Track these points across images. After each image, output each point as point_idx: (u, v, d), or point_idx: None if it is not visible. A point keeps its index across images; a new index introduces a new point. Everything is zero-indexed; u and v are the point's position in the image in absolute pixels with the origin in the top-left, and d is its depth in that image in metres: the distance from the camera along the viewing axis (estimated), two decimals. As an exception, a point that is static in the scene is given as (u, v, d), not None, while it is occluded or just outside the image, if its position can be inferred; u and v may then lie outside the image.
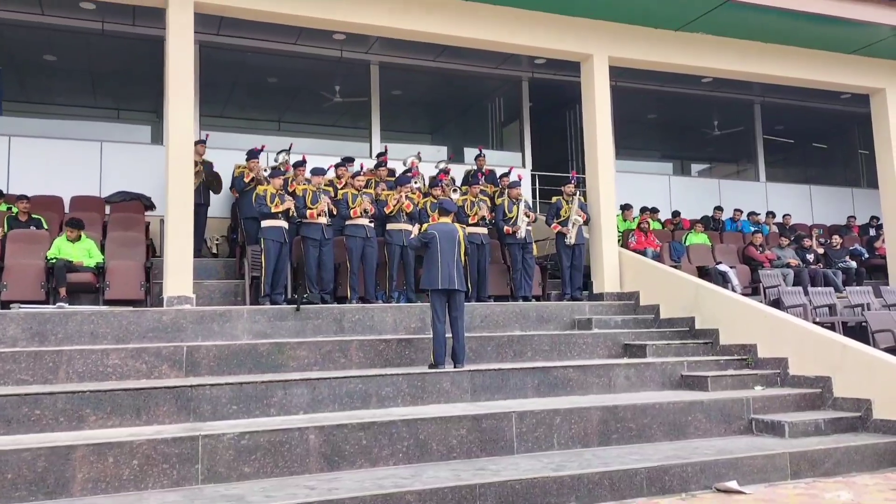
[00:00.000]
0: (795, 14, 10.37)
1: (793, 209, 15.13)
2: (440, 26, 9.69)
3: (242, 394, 6.07)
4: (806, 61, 11.74)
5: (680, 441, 6.43)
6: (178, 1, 8.41)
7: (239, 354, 6.95)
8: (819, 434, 6.52)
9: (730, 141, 16.31)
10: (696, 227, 12.70)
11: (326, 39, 11.45)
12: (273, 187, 8.60)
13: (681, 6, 10.10)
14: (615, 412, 6.38)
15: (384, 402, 6.47)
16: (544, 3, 9.89)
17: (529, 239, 9.87)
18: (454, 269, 7.04)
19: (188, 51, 8.42)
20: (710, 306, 8.68)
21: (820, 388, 7.18)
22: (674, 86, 14.24)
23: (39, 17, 10.41)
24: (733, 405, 6.80)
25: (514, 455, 5.94)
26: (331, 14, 9.21)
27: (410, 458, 5.68)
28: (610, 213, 10.38)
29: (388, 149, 11.08)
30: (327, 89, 12.70)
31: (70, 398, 5.62)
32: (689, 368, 7.72)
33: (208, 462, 5.16)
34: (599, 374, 7.35)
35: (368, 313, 8.29)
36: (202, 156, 9.95)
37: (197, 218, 9.75)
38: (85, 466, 4.89)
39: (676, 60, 11.00)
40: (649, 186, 14.38)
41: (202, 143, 10.06)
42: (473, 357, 7.70)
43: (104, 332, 7.29)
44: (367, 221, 8.98)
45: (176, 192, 8.21)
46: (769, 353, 7.84)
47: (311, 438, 5.45)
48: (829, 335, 7.31)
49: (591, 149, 10.52)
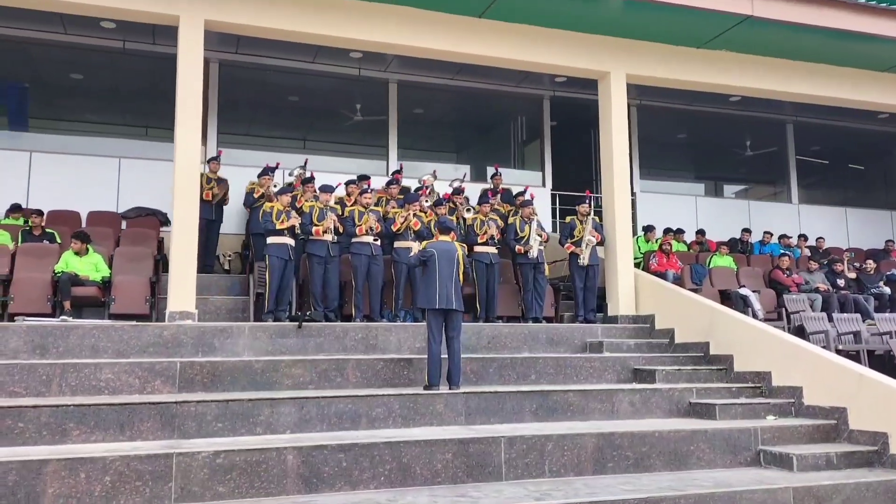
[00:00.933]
0: (822, 30, 10.05)
1: (827, 232, 14.63)
2: (455, 44, 9.62)
3: (228, 411, 5.98)
4: (837, 79, 11.37)
5: (680, 472, 6.13)
6: (189, 19, 8.50)
7: (233, 371, 6.87)
8: (830, 468, 6.15)
9: (763, 162, 15.88)
10: (722, 249, 12.33)
11: (343, 58, 11.49)
12: (280, 204, 8.58)
13: (701, 23, 9.86)
14: (612, 439, 6.13)
15: (374, 424, 6.32)
16: (561, 21, 9.76)
17: (541, 259, 9.67)
18: (452, 288, 6.89)
19: (198, 68, 8.48)
20: (725, 331, 8.37)
21: (835, 420, 6.81)
22: (701, 105, 13.97)
23: (63, 36, 10.67)
24: (740, 435, 6.48)
25: (501, 482, 5.72)
26: (345, 32, 9.22)
27: (392, 481, 5.51)
28: (626, 234, 10.13)
29: (403, 167, 11.01)
30: (346, 107, 12.73)
31: (54, 412, 5.60)
32: (698, 395, 7.41)
33: (182, 480, 5.07)
34: (602, 400, 7.09)
35: (372, 332, 8.17)
36: (216, 173, 10.01)
37: (209, 234, 9.87)
38: (56, 482, 4.84)
39: (699, 78, 10.74)
40: (676, 208, 14.06)
41: (215, 160, 10.13)
42: (474, 378, 7.51)
43: (105, 347, 7.31)
44: (373, 239, 8.90)
45: (181, 209, 8.25)
46: (783, 381, 7.49)
47: (289, 459, 5.33)
48: (846, 364, 6.94)
49: (608, 168, 10.31)
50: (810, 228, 14.52)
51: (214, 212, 10.00)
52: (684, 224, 13.49)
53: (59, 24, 10.36)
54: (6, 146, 10.63)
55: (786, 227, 14.30)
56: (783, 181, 15.62)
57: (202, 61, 8.55)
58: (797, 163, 15.54)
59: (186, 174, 8.33)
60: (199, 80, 8.50)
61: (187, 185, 8.32)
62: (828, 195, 16.00)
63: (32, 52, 11.09)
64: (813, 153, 15.92)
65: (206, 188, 9.71)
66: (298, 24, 8.99)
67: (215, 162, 10.07)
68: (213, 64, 11.50)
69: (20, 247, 8.71)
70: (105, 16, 9.16)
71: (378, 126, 12.67)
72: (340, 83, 12.36)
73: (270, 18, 8.88)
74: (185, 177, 8.32)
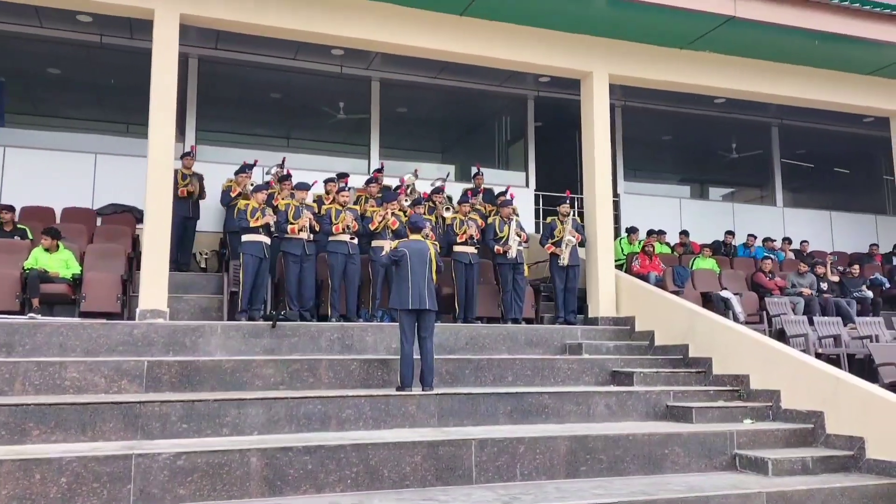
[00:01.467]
0: (806, 32, 10.00)
1: (812, 236, 14.60)
2: (437, 42, 9.52)
3: (194, 412, 5.86)
4: (821, 82, 11.33)
5: (654, 476, 6.05)
6: (164, 13, 8.36)
7: (202, 371, 6.73)
8: (806, 473, 6.08)
9: (749, 165, 15.84)
10: (705, 251, 12.27)
11: (325, 55, 11.37)
12: (255, 201, 8.45)
13: (684, 24, 9.79)
14: (585, 442, 6.04)
15: (344, 425, 6.20)
16: (542, 20, 9.67)
17: (520, 259, 9.57)
18: (425, 288, 6.78)
19: (172, 62, 8.34)
20: (704, 334, 8.29)
21: (812, 424, 6.74)
22: (687, 106, 13.90)
23: (39, 30, 10.50)
24: (715, 439, 6.40)
25: (471, 485, 5.63)
26: (325, 28, 9.09)
27: (359, 485, 5.40)
28: (607, 235, 10.04)
29: (384, 166, 10.90)
30: (329, 105, 12.61)
31: (13, 411, 5.47)
32: (675, 398, 7.33)
33: (141, 482, 4.94)
34: (578, 402, 7.00)
35: (348, 332, 8.05)
36: (191, 168, 9.86)
37: (185, 231, 9.72)
38: (10, 483, 4.71)
39: (682, 79, 10.68)
40: (660, 209, 13.99)
41: (189, 155, 9.97)
42: (449, 380, 7.40)
43: (73, 345, 7.16)
44: (349, 238, 8.78)
45: (154, 205, 8.11)
46: (762, 384, 7.42)
47: (252, 461, 5.21)
48: (823, 367, 6.87)
49: (589, 168, 10.22)
50: (795, 232, 14.48)
51: (191, 209, 9.84)
52: (669, 226, 13.43)
53: (35, 18, 10.19)
54: (-21, 141, 10.48)
55: (770, 231, 14.26)
56: (769, 184, 15.59)
57: (177, 55, 8.40)
58: (782, 166, 15.51)
59: (159, 170, 8.18)
60: (174, 75, 8.36)
61: (160, 180, 8.18)
62: (813, 199, 15.99)
63: (9, 46, 10.90)
64: (798, 156, 15.90)
65: (181, 184, 9.56)
66: (277, 19, 8.86)
67: (189, 157, 9.92)
68: (192, 59, 11.36)
69: (-11, 243, 8.55)
70: (80, 8, 9.01)
71: (360, 124, 12.56)
72: (322, 81, 12.23)
73: (248, 13, 8.75)
74: (158, 172, 8.17)
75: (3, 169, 10.34)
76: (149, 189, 8.12)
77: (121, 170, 10.68)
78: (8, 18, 10.21)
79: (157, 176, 8.16)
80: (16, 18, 10.19)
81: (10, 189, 10.23)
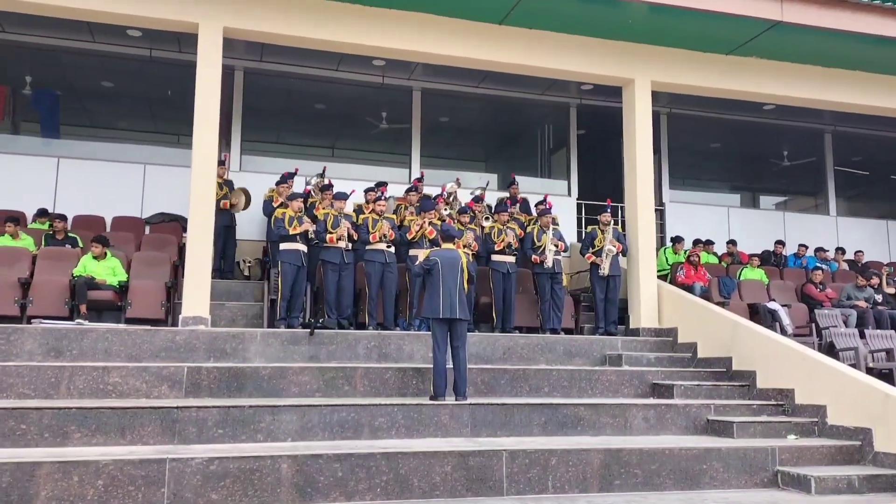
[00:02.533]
0: (858, 36, 9.69)
1: (867, 246, 14.11)
2: (476, 51, 9.52)
3: (230, 418, 5.96)
4: (875, 87, 10.96)
5: (690, 492, 5.91)
6: (208, 26, 8.56)
7: (241, 377, 6.86)
8: (851, 492, 5.85)
9: (801, 173, 15.41)
10: (752, 261, 11.96)
11: (367, 65, 11.48)
12: (291, 210, 8.56)
13: (728, 29, 9.58)
14: (620, 456, 5.93)
15: (377, 434, 6.23)
16: (582, 27, 9.61)
17: (559, 269, 9.47)
18: (456, 297, 6.77)
19: (216, 74, 8.53)
20: (749, 346, 8.07)
21: (859, 441, 6.49)
22: (735, 113, 13.62)
23: (92, 45, 10.86)
24: (757, 455, 6.22)
25: (502, 497, 5.58)
26: (365, 39, 9.18)
27: (389, 493, 5.41)
28: (649, 245, 9.86)
29: (424, 175, 10.93)
30: (371, 115, 12.72)
31: (56, 414, 5.64)
32: (716, 412, 7.14)
33: (174, 486, 5.04)
34: (614, 415, 6.89)
35: (385, 340, 8.08)
36: (223, 177, 10.01)
37: (225, 241, 9.89)
38: (49, 484, 4.85)
39: (728, 86, 10.44)
40: (707, 218, 13.70)
41: (221, 164, 10.15)
42: (484, 389, 7.37)
43: (117, 350, 7.36)
44: (386, 246, 8.82)
45: (197, 214, 8.28)
46: (807, 399, 7.18)
47: (283, 468, 5.26)
48: (872, 382, 6.61)
49: (631, 176, 10.08)
50: (849, 242, 14.01)
51: (229, 217, 10.02)
52: (717, 236, 13.14)
53: (88, 33, 10.54)
54: (35, 152, 10.86)
55: (823, 240, 13.84)
56: (822, 192, 15.14)
57: (220, 67, 8.59)
58: (836, 174, 15.04)
59: (203, 180, 8.37)
60: (217, 86, 8.54)
61: (204, 190, 8.36)
62: (869, 207, 15.46)
63: (64, 61, 11.32)
64: (853, 164, 15.40)
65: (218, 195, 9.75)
66: (318, 31, 8.99)
67: (221, 166, 10.10)
68: (237, 72, 11.60)
69: (41, 250, 8.84)
70: (128, 24, 9.29)
71: (402, 134, 12.63)
72: (364, 91, 12.35)
73: (290, 26, 8.89)
74: (201, 182, 8.35)
75: (57, 179, 10.71)
76: (192, 198, 8.30)
77: (169, 180, 10.94)
78: (62, 34, 10.59)
79: (200, 186, 8.34)
80: (70, 34, 10.57)
81: (63, 198, 10.58)
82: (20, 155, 10.73)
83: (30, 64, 11.27)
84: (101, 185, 10.77)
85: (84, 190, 10.69)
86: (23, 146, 11.12)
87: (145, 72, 11.51)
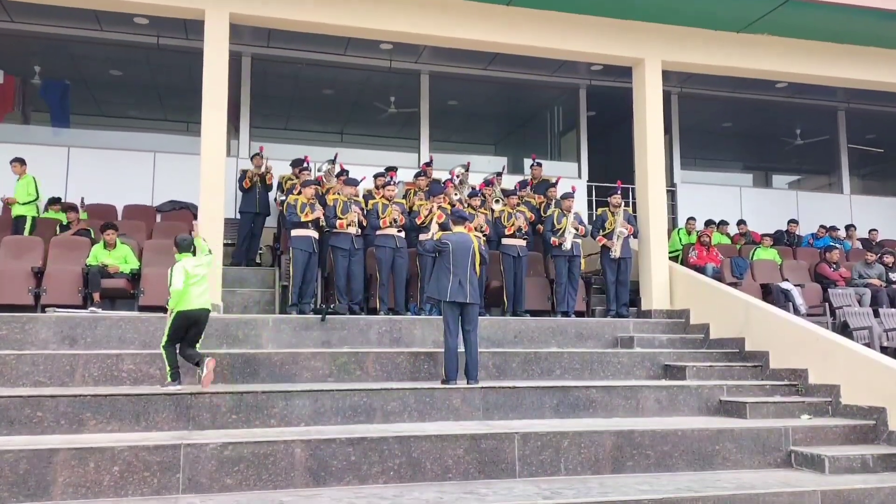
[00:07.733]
0: (867, 11, 9.55)
1: (882, 224, 13.98)
2: (484, 33, 9.46)
3: (243, 403, 5.98)
4: (889, 63, 10.81)
5: (703, 472, 5.89)
6: (214, 12, 8.54)
7: (253, 363, 6.89)
8: (865, 471, 5.82)
9: (814, 151, 15.25)
10: (765, 241, 11.88)
11: (374, 49, 11.43)
12: (304, 196, 8.56)
13: (739, 7, 9.47)
14: (631, 437, 5.92)
15: (389, 418, 6.24)
16: (591, 6, 9.51)
17: (577, 252, 9.43)
18: (467, 280, 6.76)
19: (223, 60, 8.52)
20: (761, 327, 8.04)
21: (873, 420, 6.46)
22: (747, 92, 13.49)
23: (99, 33, 10.87)
24: (770, 435, 6.19)
25: (514, 479, 5.58)
26: (371, 23, 9.14)
27: (402, 477, 5.43)
28: (660, 227, 9.82)
29: (433, 159, 10.90)
30: (380, 100, 12.68)
31: (72, 402, 5.68)
32: (729, 393, 7.12)
33: (190, 472, 5.08)
34: (626, 396, 6.87)
35: (396, 325, 8.10)
36: (260, 169, 10.06)
37: (254, 227, 9.97)
38: (66, 470, 4.90)
39: (740, 64, 10.34)
40: (719, 198, 13.62)
41: (258, 155, 10.22)
42: (496, 373, 7.38)
43: (131, 338, 7.41)
44: (397, 231, 8.81)
45: (207, 200, 8.31)
46: (820, 379, 7.15)
47: (296, 452, 5.29)
48: (886, 361, 6.57)
49: (642, 158, 10.02)
50: (863, 220, 13.89)
51: (259, 204, 10.06)
52: (729, 216, 13.05)
53: (95, 21, 10.54)
54: (46, 142, 10.91)
55: (837, 219, 13.72)
56: (835, 171, 14.99)
57: (227, 53, 8.58)
58: (850, 151, 14.88)
59: (212, 166, 8.39)
60: (225, 73, 8.54)
61: (213, 176, 8.37)
62: (883, 185, 15.30)
63: (73, 51, 11.34)
64: (867, 141, 15.22)
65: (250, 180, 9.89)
66: (324, 15, 8.95)
67: (259, 157, 10.16)
68: (245, 58, 11.59)
69: (53, 240, 8.90)
70: (135, 11, 9.30)
71: (411, 118, 12.59)
72: (372, 75, 12.32)
73: (296, 10, 8.86)
74: (210, 169, 8.38)
75: (67, 168, 10.77)
76: (202, 185, 8.33)
77: (179, 167, 10.99)
78: (70, 23, 10.60)
79: (209, 172, 8.36)
80: (77, 22, 10.58)
81: (74, 187, 10.64)
82: (31, 145, 10.77)
83: (38, 54, 11.30)
84: (112, 173, 10.83)
85: (95, 179, 10.74)
86: (33, 136, 11.19)
87: (153, 60, 11.51)
